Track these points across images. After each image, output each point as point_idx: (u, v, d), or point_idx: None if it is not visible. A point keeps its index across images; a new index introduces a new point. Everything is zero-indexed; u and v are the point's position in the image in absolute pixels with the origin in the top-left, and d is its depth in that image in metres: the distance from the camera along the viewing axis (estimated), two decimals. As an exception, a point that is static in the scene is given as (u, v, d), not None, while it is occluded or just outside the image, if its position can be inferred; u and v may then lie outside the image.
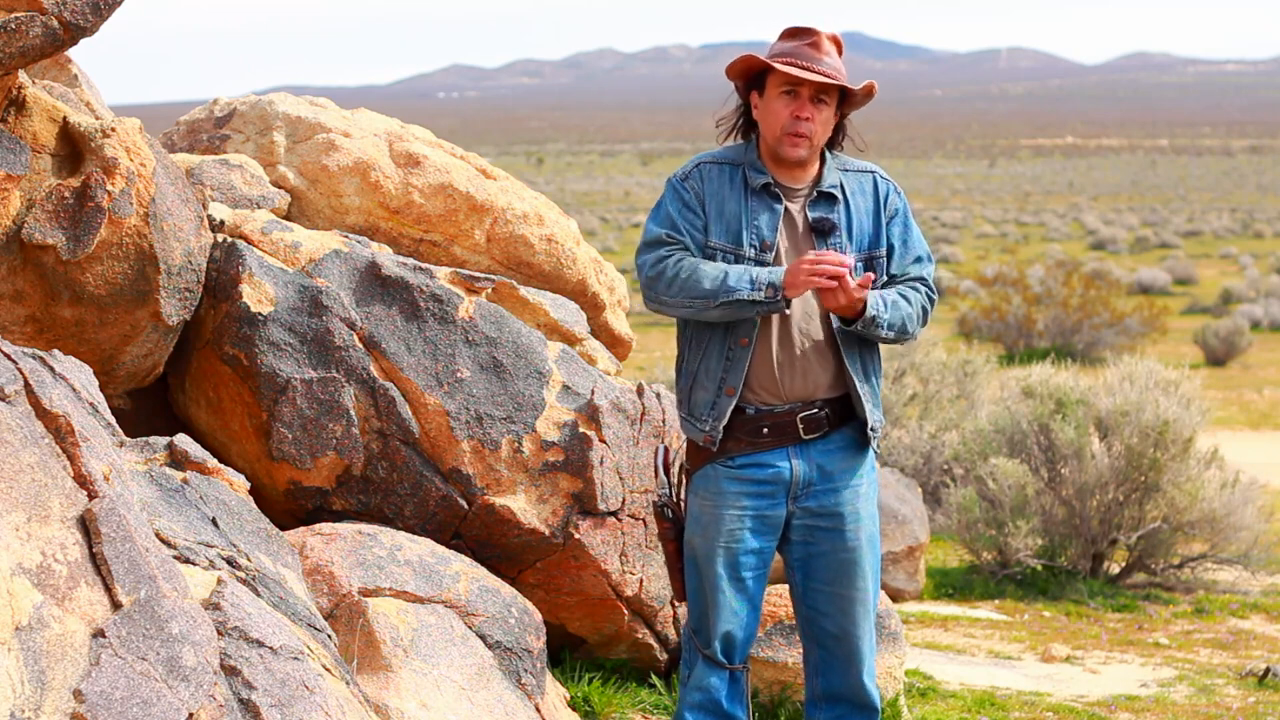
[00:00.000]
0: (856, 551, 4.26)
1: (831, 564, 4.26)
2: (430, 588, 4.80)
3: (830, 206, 4.22)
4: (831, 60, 4.13)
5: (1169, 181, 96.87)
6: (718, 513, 4.22)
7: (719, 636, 4.26)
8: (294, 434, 5.26)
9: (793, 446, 4.21)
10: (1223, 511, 9.09)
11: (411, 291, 5.42)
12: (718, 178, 4.22)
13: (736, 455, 4.21)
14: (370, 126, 6.27)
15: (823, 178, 4.24)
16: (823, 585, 4.28)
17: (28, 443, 3.25)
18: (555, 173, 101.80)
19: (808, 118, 4.12)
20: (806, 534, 4.26)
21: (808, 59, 4.10)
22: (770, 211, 4.18)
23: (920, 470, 11.23)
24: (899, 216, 4.31)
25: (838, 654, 4.31)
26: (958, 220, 61.23)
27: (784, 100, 4.13)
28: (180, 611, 3.30)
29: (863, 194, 4.28)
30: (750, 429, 4.20)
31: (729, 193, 4.20)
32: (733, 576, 4.24)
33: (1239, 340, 24.65)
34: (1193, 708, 6.50)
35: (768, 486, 4.21)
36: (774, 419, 4.19)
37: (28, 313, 4.89)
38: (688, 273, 4.10)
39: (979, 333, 25.19)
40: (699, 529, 4.26)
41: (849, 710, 4.35)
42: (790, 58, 4.10)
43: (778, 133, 4.15)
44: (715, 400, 4.18)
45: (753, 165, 4.21)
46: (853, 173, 4.30)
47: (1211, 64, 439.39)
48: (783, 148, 4.16)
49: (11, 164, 4.66)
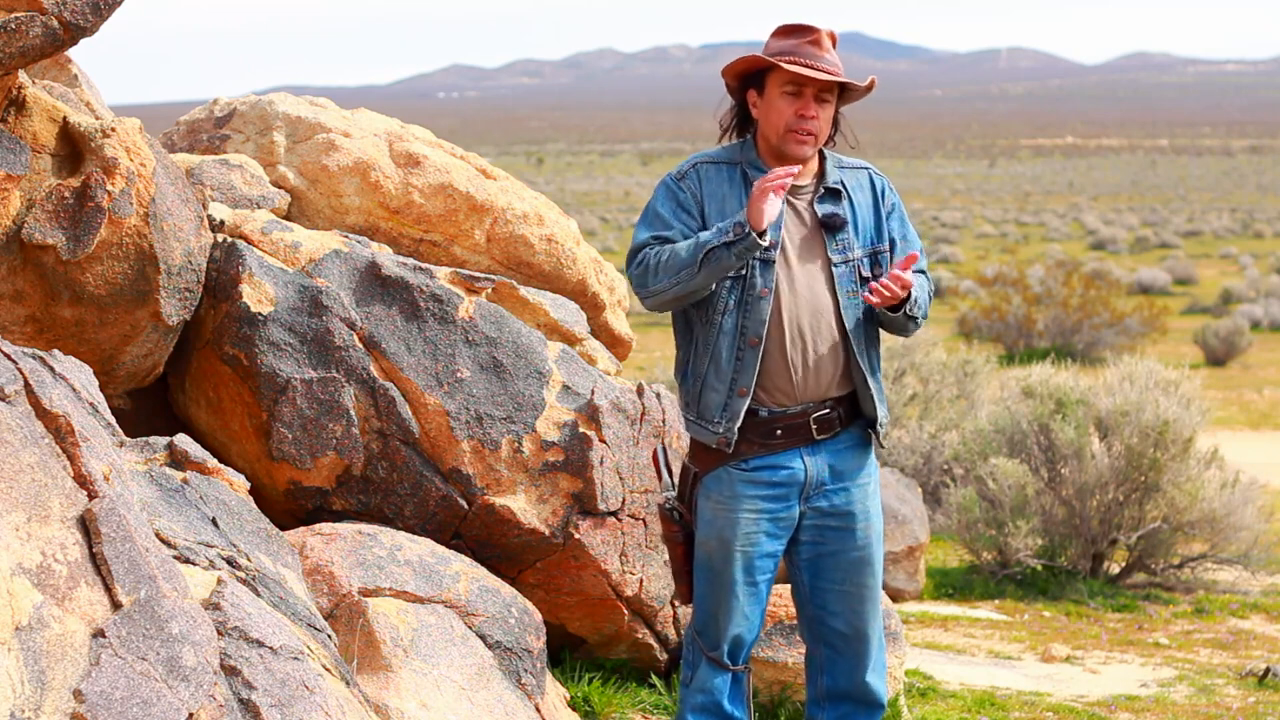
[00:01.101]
0: (867, 549, 4.26)
1: (842, 563, 4.25)
2: (430, 588, 4.80)
3: (837, 202, 4.22)
4: (832, 57, 4.12)
5: (1169, 181, 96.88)
6: (733, 516, 4.19)
7: (729, 639, 4.24)
8: (294, 434, 5.26)
9: (805, 447, 4.20)
10: (1223, 511, 9.08)
11: (411, 291, 5.42)
12: (716, 177, 4.20)
13: (750, 457, 4.18)
14: (370, 126, 6.27)
15: (826, 174, 4.24)
16: (833, 584, 4.27)
17: (28, 443, 3.25)
18: (555, 173, 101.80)
19: (814, 116, 4.10)
20: (816, 534, 4.25)
21: (811, 57, 4.08)
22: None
23: (920, 470, 11.23)
24: (896, 211, 4.32)
25: (846, 653, 4.30)
26: (958, 220, 61.24)
27: (787, 99, 4.11)
28: (180, 611, 3.30)
29: (861, 190, 4.28)
30: (763, 430, 4.17)
31: (729, 191, 4.17)
32: (748, 580, 4.22)
33: (1239, 340, 24.64)
34: (1193, 708, 6.50)
35: (781, 488, 4.19)
36: (788, 420, 4.17)
37: (28, 313, 4.89)
38: (667, 255, 4.07)
39: (979, 333, 25.19)
40: (713, 533, 4.22)
41: (853, 709, 4.34)
42: (793, 56, 4.08)
43: (781, 131, 4.13)
44: (727, 402, 4.14)
45: (752, 164, 4.19)
46: (849, 170, 4.31)
47: (1211, 64, 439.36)
48: (788, 146, 4.14)
49: (11, 164, 4.66)
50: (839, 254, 4.19)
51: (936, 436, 11.41)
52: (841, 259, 4.19)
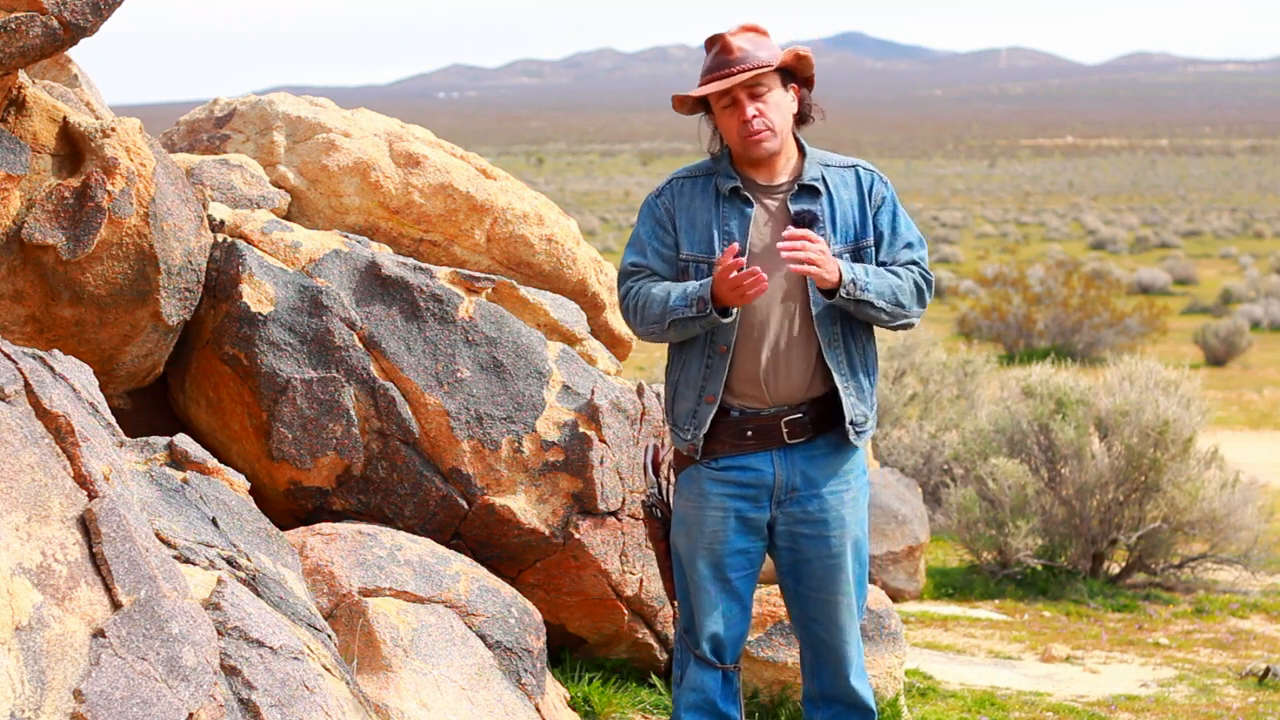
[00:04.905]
0: (840, 558, 4.27)
1: (817, 570, 4.27)
2: (430, 588, 4.80)
3: (813, 199, 4.24)
4: (743, 53, 4.18)
5: (1169, 181, 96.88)
6: (700, 514, 4.24)
7: (707, 637, 4.28)
8: (294, 434, 5.27)
9: (776, 450, 4.22)
10: (1223, 511, 9.09)
11: (411, 291, 5.42)
12: (690, 190, 4.29)
13: (720, 457, 4.23)
14: (370, 126, 6.27)
15: (804, 171, 4.26)
16: (810, 591, 4.30)
17: (28, 443, 3.25)
18: (555, 173, 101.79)
19: (754, 115, 4.17)
20: (791, 540, 4.27)
21: (723, 66, 4.18)
22: (741, 216, 4.21)
23: (920, 470, 11.23)
24: (886, 205, 4.31)
25: (828, 657, 4.34)
26: (958, 220, 61.23)
27: (728, 113, 4.22)
28: (180, 611, 3.30)
29: (846, 187, 4.29)
30: (734, 431, 4.21)
31: (700, 203, 4.26)
32: (717, 577, 4.26)
33: (1239, 340, 24.63)
34: (1193, 708, 6.50)
35: (750, 489, 4.22)
36: (759, 422, 4.21)
37: (28, 313, 4.89)
38: (643, 300, 4.19)
39: (979, 333, 25.19)
40: (683, 530, 4.29)
41: (843, 710, 4.38)
42: (708, 75, 4.20)
43: (736, 140, 4.23)
44: (695, 409, 4.22)
45: (724, 173, 4.27)
46: (835, 168, 4.32)
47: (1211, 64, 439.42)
48: (748, 150, 4.22)
49: (11, 164, 4.67)
50: None
51: (936, 436, 11.41)
52: None
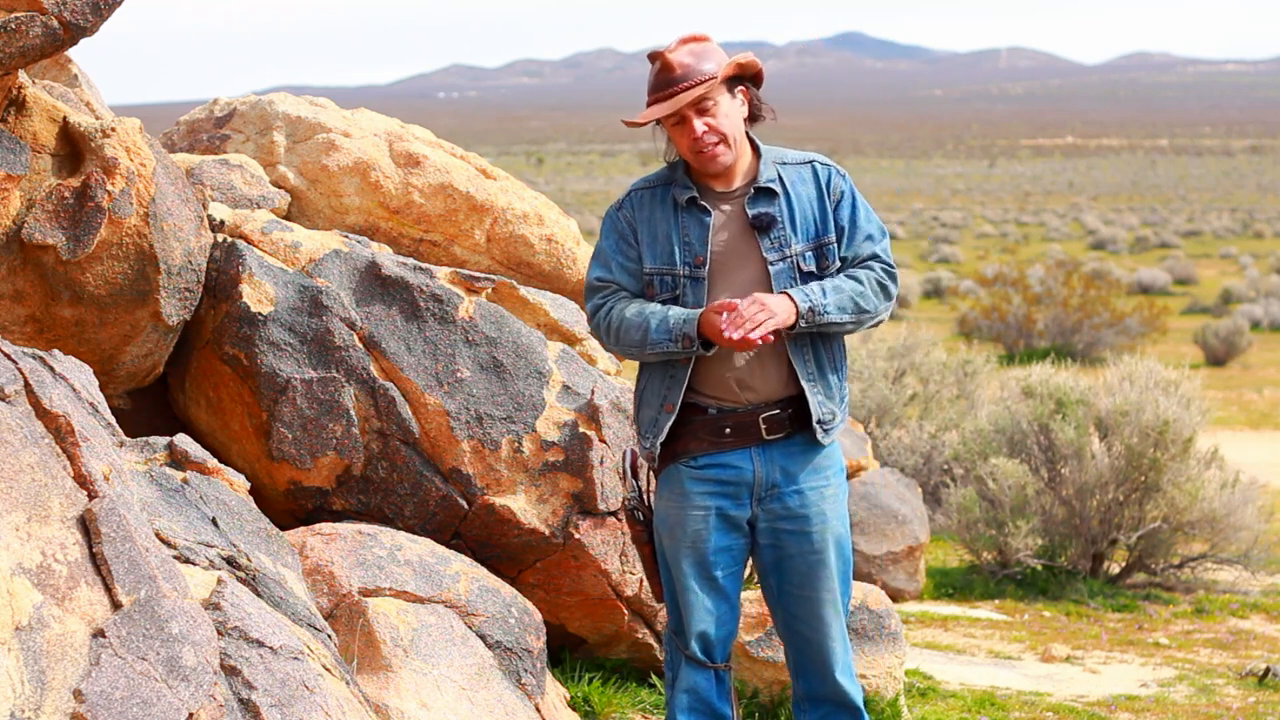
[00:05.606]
0: (823, 554, 4.25)
1: (800, 567, 4.26)
2: (430, 588, 4.80)
3: (770, 201, 4.22)
4: (684, 70, 4.16)
5: (1169, 181, 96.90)
6: (682, 514, 4.23)
7: (696, 636, 4.27)
8: (294, 434, 5.27)
9: (755, 447, 4.21)
10: (1223, 511, 9.09)
11: (411, 291, 5.42)
12: (649, 202, 4.28)
13: (699, 455, 4.22)
14: (370, 126, 6.28)
15: (759, 174, 4.25)
16: (794, 589, 4.27)
17: (28, 443, 3.25)
18: (555, 173, 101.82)
19: (703, 131, 4.17)
20: (773, 538, 4.26)
21: (665, 86, 4.17)
22: (699, 225, 4.20)
23: (920, 470, 11.23)
24: (845, 199, 4.29)
25: (812, 656, 4.32)
26: (958, 220, 61.25)
27: (677, 131, 4.21)
28: (180, 611, 3.30)
29: (803, 183, 4.27)
30: (712, 429, 4.20)
31: (660, 214, 4.25)
32: (702, 575, 4.25)
33: (1239, 340, 24.64)
34: (1193, 708, 6.50)
35: (730, 486, 4.21)
36: (737, 419, 4.20)
37: (28, 313, 4.90)
38: (618, 324, 4.18)
39: (979, 333, 25.19)
40: (666, 529, 4.28)
41: (832, 710, 4.35)
42: (653, 95, 4.20)
43: (689, 156, 4.22)
44: (656, 417, 4.22)
45: (680, 182, 4.26)
46: (791, 165, 4.30)
47: (1211, 64, 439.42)
48: (703, 166, 4.22)
49: (11, 164, 4.67)
50: (774, 252, 4.19)
51: (936, 436, 11.41)
52: (778, 256, 4.19)
